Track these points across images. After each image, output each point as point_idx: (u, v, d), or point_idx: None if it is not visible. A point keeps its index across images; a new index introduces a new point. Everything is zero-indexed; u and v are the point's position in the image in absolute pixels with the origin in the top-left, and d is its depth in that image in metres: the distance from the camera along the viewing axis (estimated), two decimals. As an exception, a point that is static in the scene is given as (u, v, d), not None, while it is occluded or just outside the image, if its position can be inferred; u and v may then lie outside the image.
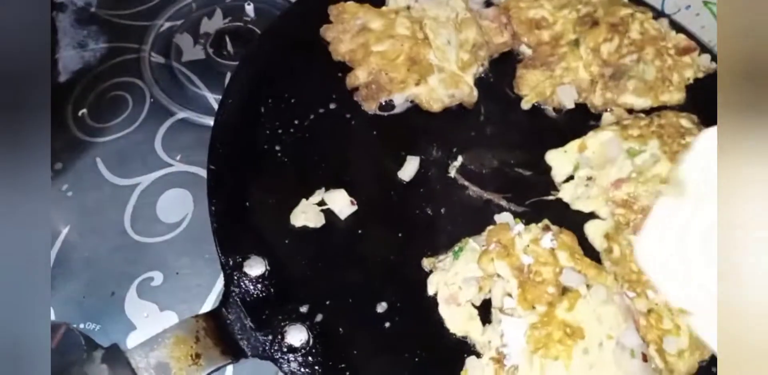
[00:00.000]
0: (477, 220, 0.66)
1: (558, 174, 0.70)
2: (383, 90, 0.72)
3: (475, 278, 0.59)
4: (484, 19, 0.79)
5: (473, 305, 0.59)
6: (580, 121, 0.75)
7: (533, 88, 0.75)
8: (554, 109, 0.76)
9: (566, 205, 0.68)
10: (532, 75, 0.75)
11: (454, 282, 0.59)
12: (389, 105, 0.74)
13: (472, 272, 0.59)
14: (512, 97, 0.76)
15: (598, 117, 0.75)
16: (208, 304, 0.73)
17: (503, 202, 0.68)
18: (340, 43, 0.75)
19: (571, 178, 0.70)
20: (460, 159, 0.71)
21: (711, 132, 0.62)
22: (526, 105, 0.75)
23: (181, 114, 0.89)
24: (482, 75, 0.77)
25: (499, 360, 0.55)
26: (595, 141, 0.70)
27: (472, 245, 0.61)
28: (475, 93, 0.75)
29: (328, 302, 0.59)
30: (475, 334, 0.58)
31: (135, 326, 0.71)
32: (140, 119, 0.88)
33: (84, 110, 0.89)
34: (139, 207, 0.80)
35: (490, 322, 0.59)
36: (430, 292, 0.61)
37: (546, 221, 0.63)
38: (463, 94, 0.74)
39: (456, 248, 0.63)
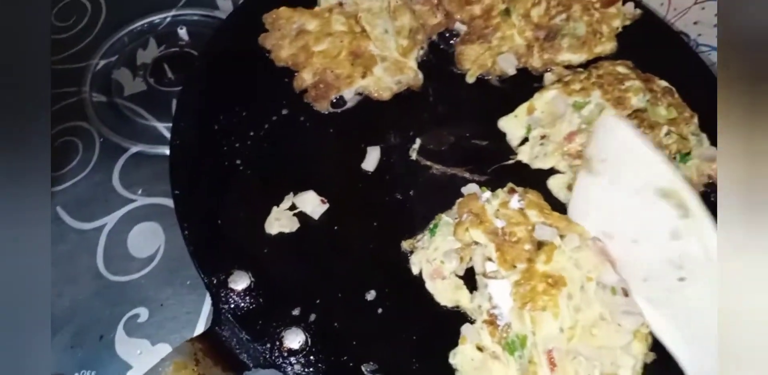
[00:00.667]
0: (446, 196, 0.66)
1: (513, 138, 0.71)
2: (331, 87, 0.73)
3: (454, 250, 0.59)
4: (415, 4, 0.80)
5: (458, 276, 0.60)
6: (525, 85, 0.76)
7: (474, 61, 0.76)
8: (498, 79, 0.77)
9: (526, 166, 0.69)
10: (470, 49, 0.76)
11: (435, 257, 0.59)
12: (340, 101, 0.74)
13: (450, 245, 0.60)
14: (456, 73, 0.77)
15: (540, 78, 0.76)
16: (200, 329, 0.72)
17: (467, 174, 0.69)
18: (280, 49, 0.75)
19: (525, 140, 0.71)
20: (418, 141, 0.71)
21: (606, 119, 0.64)
22: (470, 79, 0.76)
23: (134, 148, 0.87)
24: (424, 57, 0.78)
25: (492, 322, 0.55)
26: (541, 101, 0.71)
27: (445, 220, 0.62)
28: (420, 76, 0.76)
29: (318, 301, 0.59)
30: (464, 302, 0.58)
31: (131, 365, 0.69)
32: (93, 161, 0.87)
33: (34, 161, 0.87)
34: (110, 247, 0.79)
35: (476, 289, 0.59)
36: (415, 271, 0.61)
37: (510, 185, 0.64)
38: (409, 78, 0.75)
39: (431, 226, 0.63)
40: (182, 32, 0.99)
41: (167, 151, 0.86)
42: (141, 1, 1.05)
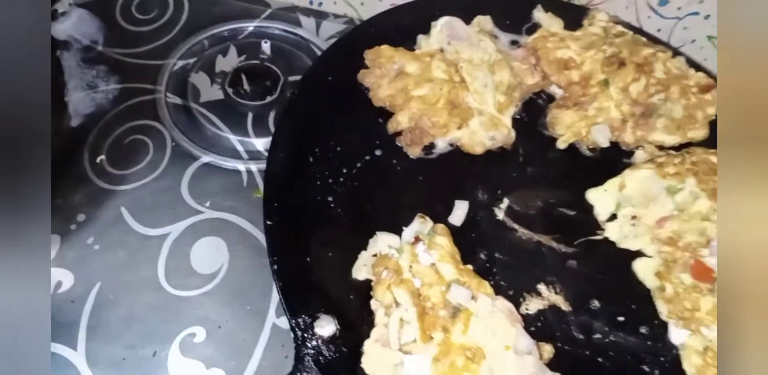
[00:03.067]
0: (530, 263, 0.67)
1: (601, 213, 0.72)
2: (426, 134, 0.73)
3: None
4: (513, 60, 0.80)
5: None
6: (615, 158, 0.77)
7: (568, 127, 0.77)
8: (588, 148, 0.77)
9: (613, 244, 0.70)
10: (565, 115, 0.77)
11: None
12: (432, 149, 0.75)
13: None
14: (547, 136, 0.78)
15: (630, 154, 0.77)
16: (256, 359, 0.71)
17: (553, 244, 0.70)
18: (378, 88, 0.75)
19: (614, 216, 0.71)
20: (506, 201, 0.72)
21: None
22: (562, 144, 0.77)
23: (205, 158, 0.86)
24: (517, 116, 0.78)
25: None
26: (633, 179, 0.72)
27: None
28: (513, 134, 0.76)
29: (401, 358, 0.58)
30: None
31: (183, 387, 0.68)
32: (163, 164, 0.86)
33: (102, 156, 0.86)
34: (172, 258, 0.78)
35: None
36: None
37: (419, 232, 0.63)
38: (503, 135, 0.75)
39: None
40: (266, 46, 0.98)
41: (240, 166, 0.86)
42: (224, 5, 1.05)
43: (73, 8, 1.02)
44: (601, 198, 0.72)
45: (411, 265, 0.59)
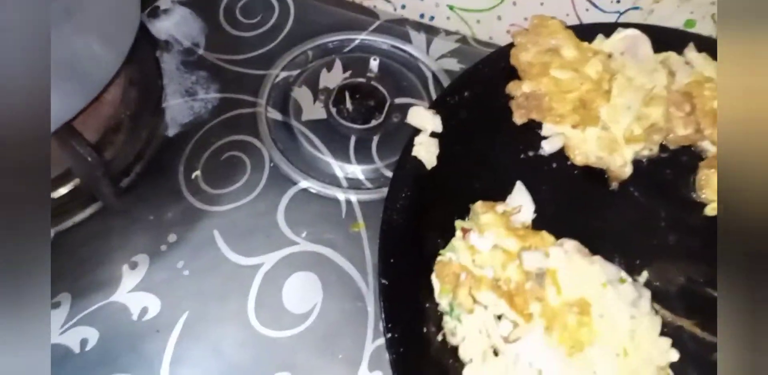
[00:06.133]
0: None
1: (752, 299, 0.62)
2: (539, 110, 0.68)
3: None
4: (672, 104, 0.71)
5: None
6: (772, 234, 0.67)
7: (722, 194, 0.67)
8: (742, 218, 0.68)
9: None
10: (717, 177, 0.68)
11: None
12: (537, 134, 0.69)
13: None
14: (692, 200, 0.69)
15: (790, 229, 0.67)
16: (346, 416, 0.66)
17: (697, 331, 0.61)
18: (524, 50, 0.70)
19: None
20: (645, 274, 0.63)
21: None
22: (711, 212, 0.67)
23: (304, 183, 0.81)
24: (645, 161, 0.70)
25: None
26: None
27: None
28: (628, 170, 0.68)
29: None
30: None
31: (268, 439, 0.64)
32: (260, 186, 0.81)
33: (197, 172, 0.81)
34: (263, 293, 0.73)
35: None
36: None
37: (461, 225, 0.59)
38: (614, 164, 0.67)
39: None
40: (374, 64, 0.92)
41: (339, 195, 0.80)
42: (330, 13, 0.99)
43: (176, 6, 0.97)
44: (755, 281, 0.62)
45: (473, 260, 0.56)
